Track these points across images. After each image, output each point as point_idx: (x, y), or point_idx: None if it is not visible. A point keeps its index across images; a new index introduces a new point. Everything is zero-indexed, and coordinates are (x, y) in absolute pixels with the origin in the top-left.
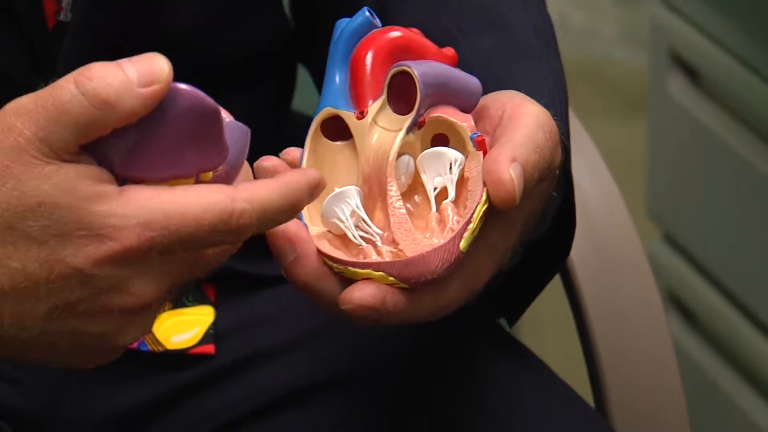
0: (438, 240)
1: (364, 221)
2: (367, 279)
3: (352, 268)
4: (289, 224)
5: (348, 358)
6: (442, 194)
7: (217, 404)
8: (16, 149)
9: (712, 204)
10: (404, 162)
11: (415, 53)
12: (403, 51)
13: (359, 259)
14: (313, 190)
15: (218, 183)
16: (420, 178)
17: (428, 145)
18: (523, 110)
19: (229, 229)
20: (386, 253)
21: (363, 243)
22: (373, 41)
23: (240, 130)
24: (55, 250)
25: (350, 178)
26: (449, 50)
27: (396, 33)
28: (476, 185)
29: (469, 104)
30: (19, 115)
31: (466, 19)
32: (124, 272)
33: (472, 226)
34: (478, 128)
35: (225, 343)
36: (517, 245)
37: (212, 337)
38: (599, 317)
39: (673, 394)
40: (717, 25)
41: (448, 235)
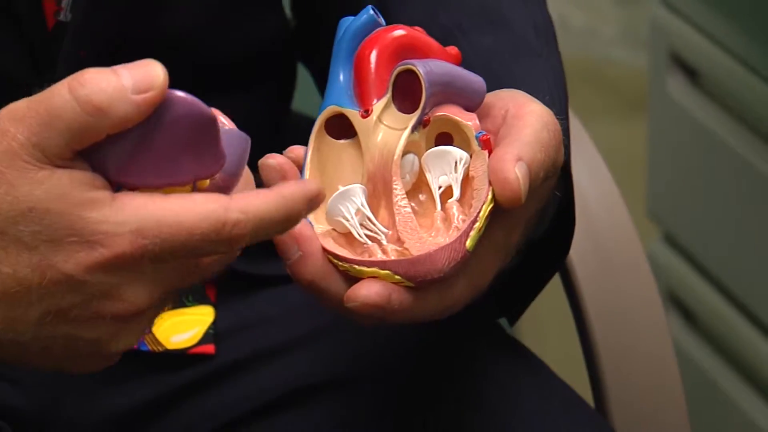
0: (444, 239)
1: (369, 220)
2: (373, 277)
3: (357, 267)
4: None
5: (348, 359)
6: (447, 193)
7: (217, 404)
8: (9, 154)
9: (712, 204)
10: (409, 161)
11: (420, 52)
12: (407, 49)
13: (365, 258)
14: (311, 202)
15: (216, 191)
16: (424, 176)
17: (432, 144)
18: (526, 109)
19: (222, 239)
20: (391, 251)
21: (368, 241)
22: (377, 40)
23: (239, 138)
24: (47, 255)
25: (354, 177)
26: (453, 49)
27: (400, 31)
28: (482, 184)
29: (473, 103)
30: (12, 119)
31: (467, 18)
32: (116, 279)
33: (478, 225)
34: (481, 127)
35: (225, 343)
36: (520, 244)
37: (212, 337)
38: (599, 317)
39: (673, 394)
40: (717, 25)
41: (454, 233)
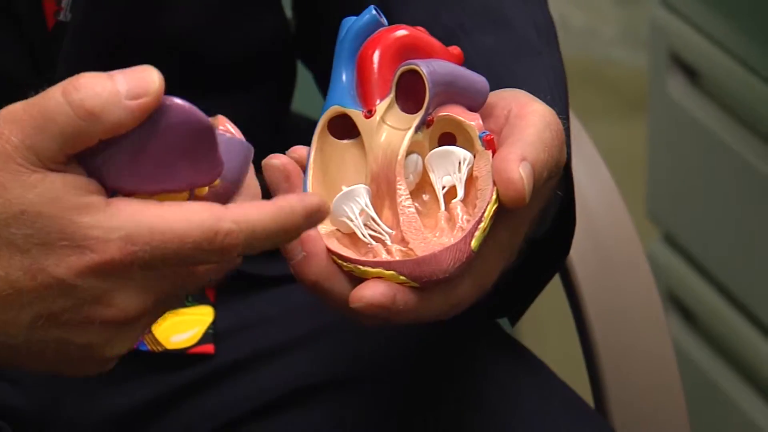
0: (448, 239)
1: (373, 220)
2: (378, 277)
3: (362, 267)
4: None
5: (348, 359)
6: (450, 193)
7: (217, 404)
8: (3, 156)
9: (712, 204)
10: (413, 161)
11: (422, 52)
12: (410, 50)
13: (369, 258)
14: (311, 216)
15: (215, 199)
16: (428, 176)
17: (436, 144)
18: (529, 109)
19: (213, 248)
20: (396, 251)
21: (372, 242)
22: (380, 40)
23: (240, 146)
24: (38, 259)
25: (358, 177)
26: (455, 49)
27: (403, 32)
28: (486, 184)
29: (476, 103)
30: (8, 121)
31: (468, 18)
32: (106, 284)
33: (483, 225)
34: (484, 127)
35: (225, 343)
36: (522, 244)
37: (211, 336)
38: (599, 317)
39: (673, 394)
40: (717, 25)
41: (459, 234)
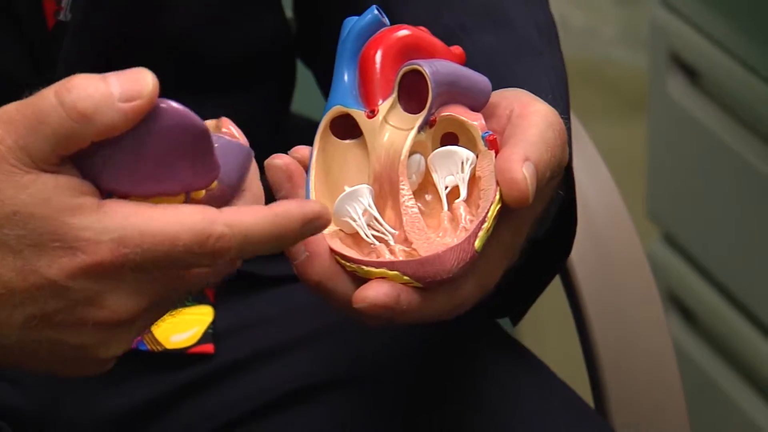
0: (451, 239)
1: (376, 220)
2: (381, 278)
3: (366, 267)
4: None
5: (348, 359)
6: (453, 193)
7: (217, 404)
8: None
9: (712, 204)
10: (415, 161)
11: (425, 52)
12: (412, 49)
13: (372, 258)
14: (309, 224)
15: (212, 202)
16: (430, 177)
17: (438, 144)
18: (531, 109)
19: (205, 252)
20: (399, 252)
21: (376, 242)
22: (382, 40)
23: (238, 149)
24: (30, 260)
25: (360, 177)
26: (457, 48)
27: (405, 31)
28: (489, 184)
29: (478, 103)
30: (1, 122)
31: (469, 18)
32: (98, 286)
33: (486, 225)
34: (486, 127)
35: (225, 343)
36: (524, 244)
37: (211, 336)
38: (599, 317)
39: (673, 394)
40: (717, 25)
41: (462, 234)
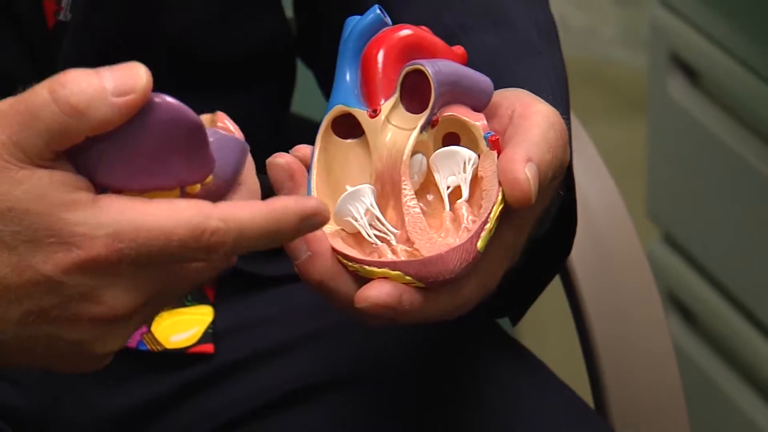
0: (454, 239)
1: (378, 220)
2: (383, 278)
3: (368, 267)
4: None
5: (348, 359)
6: (455, 193)
7: (217, 404)
8: None
9: (712, 204)
10: (417, 161)
11: (426, 51)
12: (414, 49)
13: (375, 258)
14: (307, 219)
15: (208, 197)
16: (432, 177)
17: (440, 144)
18: (533, 109)
19: (200, 246)
20: (401, 251)
21: (378, 242)
22: (384, 39)
23: (234, 144)
24: (25, 256)
25: (362, 176)
26: (459, 48)
27: (407, 31)
28: (491, 185)
29: (480, 103)
30: None
31: (469, 17)
32: (94, 282)
33: (489, 225)
34: (488, 127)
35: (225, 343)
36: (525, 244)
37: (211, 336)
38: (599, 317)
39: (673, 394)
40: (717, 26)
41: (464, 234)
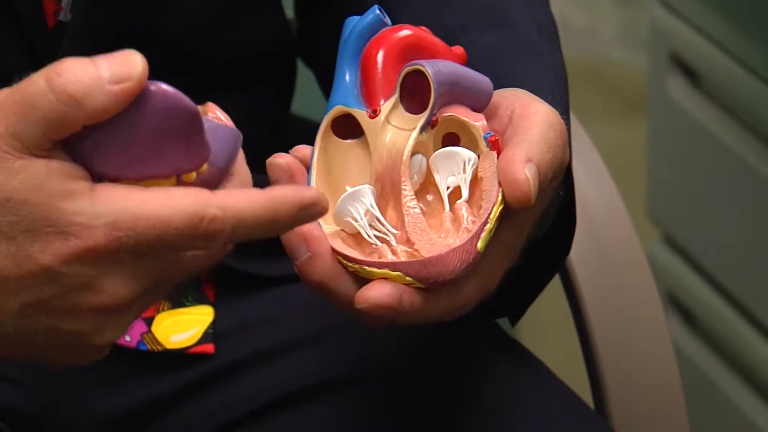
0: (454, 240)
1: (378, 220)
2: (383, 278)
3: (368, 268)
4: None
5: (348, 359)
6: (455, 194)
7: (217, 404)
8: None
9: (712, 205)
10: (417, 161)
11: (426, 52)
12: (414, 50)
13: (375, 259)
14: (306, 209)
15: (203, 185)
16: (431, 177)
17: (439, 145)
18: (532, 109)
19: (198, 234)
20: (401, 252)
21: (378, 242)
22: (383, 40)
23: (228, 132)
24: (24, 246)
25: (361, 177)
26: (459, 48)
27: (406, 31)
28: (490, 185)
29: (480, 103)
30: None
31: (469, 17)
32: (93, 271)
33: (489, 226)
34: (488, 127)
35: (225, 343)
36: (525, 244)
37: (211, 336)
38: (599, 317)
39: (673, 395)
40: (717, 26)
41: (464, 235)
